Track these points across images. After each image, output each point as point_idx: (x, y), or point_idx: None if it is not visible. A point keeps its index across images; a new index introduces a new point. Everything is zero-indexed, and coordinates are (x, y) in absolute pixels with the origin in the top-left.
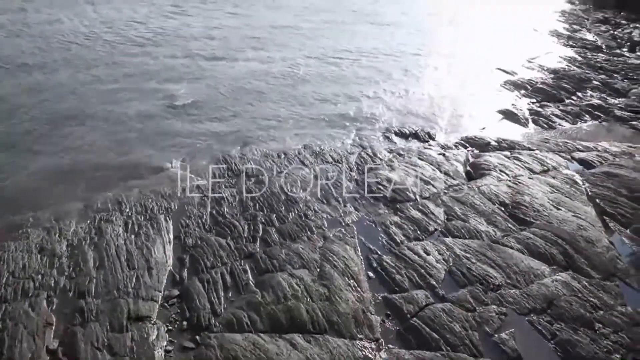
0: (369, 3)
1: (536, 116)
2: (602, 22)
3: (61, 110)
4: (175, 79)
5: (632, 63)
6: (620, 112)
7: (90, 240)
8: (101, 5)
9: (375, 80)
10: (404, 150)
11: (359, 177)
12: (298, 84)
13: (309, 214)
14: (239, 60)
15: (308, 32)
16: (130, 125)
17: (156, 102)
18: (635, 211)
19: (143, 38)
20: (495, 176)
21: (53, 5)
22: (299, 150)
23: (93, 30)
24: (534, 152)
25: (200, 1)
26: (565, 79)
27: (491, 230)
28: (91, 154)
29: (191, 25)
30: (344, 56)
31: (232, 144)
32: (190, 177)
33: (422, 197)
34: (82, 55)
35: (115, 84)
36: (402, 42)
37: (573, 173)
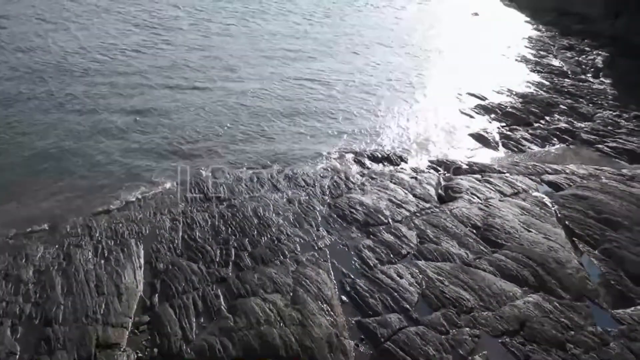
0: (341, 33)
1: (506, 140)
2: (567, 48)
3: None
4: (148, 102)
5: (596, 88)
6: (586, 135)
7: (58, 265)
8: (76, 30)
9: (347, 106)
10: (377, 174)
11: (331, 201)
12: (270, 109)
13: (282, 238)
14: (213, 83)
15: (281, 58)
16: (103, 150)
17: (126, 125)
18: (603, 232)
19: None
20: (466, 199)
21: (29, 30)
22: (272, 174)
23: (67, 56)
24: (505, 175)
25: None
26: (534, 104)
27: (463, 253)
28: (61, 178)
29: (165, 53)
30: (316, 83)
31: (204, 167)
32: (162, 200)
33: (394, 221)
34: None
35: (89, 108)
36: (374, 69)
37: (542, 195)
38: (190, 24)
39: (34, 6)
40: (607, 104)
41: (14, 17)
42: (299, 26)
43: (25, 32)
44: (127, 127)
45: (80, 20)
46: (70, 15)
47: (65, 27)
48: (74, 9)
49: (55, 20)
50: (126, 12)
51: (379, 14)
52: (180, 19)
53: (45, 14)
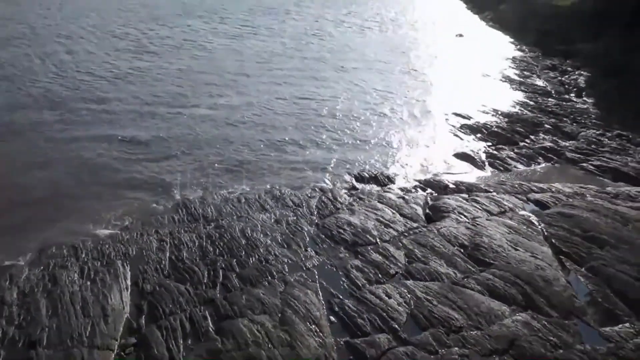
0: (324, 52)
1: (492, 159)
2: (550, 68)
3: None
4: (134, 123)
5: (579, 107)
6: (571, 154)
7: (43, 287)
8: (65, 52)
9: (334, 127)
10: (364, 194)
11: (319, 221)
12: (259, 129)
13: (270, 259)
14: (198, 103)
15: (269, 78)
16: (90, 171)
17: (115, 145)
18: (589, 250)
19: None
20: (454, 218)
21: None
22: (260, 194)
23: (59, 80)
24: (491, 194)
25: (172, 46)
26: (519, 123)
27: (451, 272)
28: (47, 199)
29: (158, 68)
30: (299, 102)
31: (191, 188)
32: (150, 221)
33: (382, 240)
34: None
35: (76, 128)
36: (360, 90)
37: (529, 214)
38: (179, 45)
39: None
40: (591, 123)
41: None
42: (287, 47)
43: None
44: (113, 150)
45: (68, 41)
46: (61, 35)
47: (55, 49)
48: (64, 29)
49: (44, 42)
50: (113, 32)
51: (364, 36)
52: (170, 39)
53: (31, 34)
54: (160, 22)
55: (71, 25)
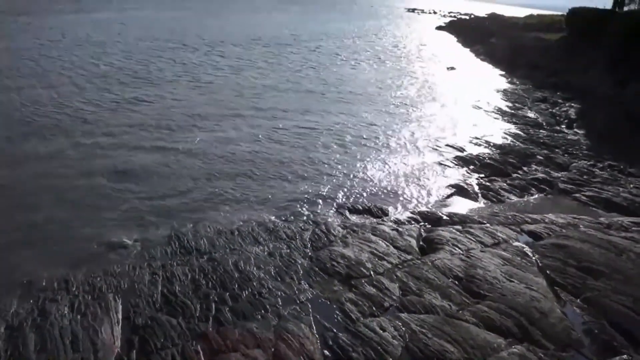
0: (319, 85)
1: (485, 190)
2: (541, 100)
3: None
4: (126, 153)
5: (570, 139)
6: (563, 185)
7: (32, 321)
8: (54, 83)
9: (327, 158)
10: (358, 227)
11: (313, 254)
12: (252, 161)
13: (263, 292)
14: (193, 136)
15: (262, 111)
16: (78, 201)
17: (106, 177)
18: (584, 281)
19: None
20: (448, 250)
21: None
22: (253, 227)
23: (47, 111)
24: (485, 225)
25: (170, 75)
26: (511, 154)
27: (446, 305)
28: (36, 230)
29: (149, 98)
30: (295, 134)
31: (184, 220)
32: (142, 254)
33: (376, 273)
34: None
35: (65, 158)
36: (353, 122)
37: (523, 245)
38: (177, 77)
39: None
40: (582, 154)
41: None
42: (282, 80)
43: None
44: (106, 182)
45: (55, 73)
46: (50, 66)
47: (45, 79)
48: (55, 59)
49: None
50: (109, 62)
51: (357, 69)
52: (167, 70)
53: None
54: (158, 54)
55: (61, 59)
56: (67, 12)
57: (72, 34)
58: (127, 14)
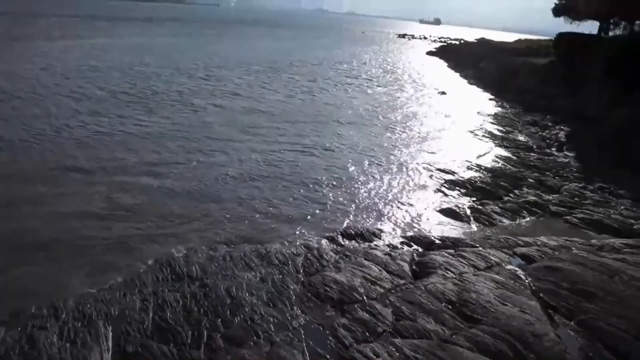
0: (310, 108)
1: (477, 214)
2: (531, 124)
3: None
4: (118, 177)
5: (561, 161)
6: (555, 207)
7: (20, 349)
8: (46, 107)
9: (319, 182)
10: (350, 251)
11: (305, 279)
12: (243, 187)
13: (255, 318)
14: (187, 161)
15: (253, 138)
16: (68, 227)
17: (96, 202)
18: (577, 303)
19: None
20: (441, 274)
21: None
22: (245, 252)
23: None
24: (477, 249)
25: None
26: (503, 178)
27: (440, 329)
28: (24, 256)
29: (143, 122)
30: (287, 159)
31: (175, 246)
32: (133, 280)
33: (369, 298)
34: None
35: (56, 181)
36: (346, 147)
37: (516, 268)
38: (172, 102)
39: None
40: (573, 177)
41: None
42: (276, 104)
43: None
44: (96, 208)
45: (46, 98)
46: (40, 89)
47: (36, 101)
48: (46, 83)
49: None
50: (106, 85)
51: (350, 94)
52: (160, 95)
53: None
54: (153, 79)
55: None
56: (66, 37)
57: (67, 59)
58: (124, 41)
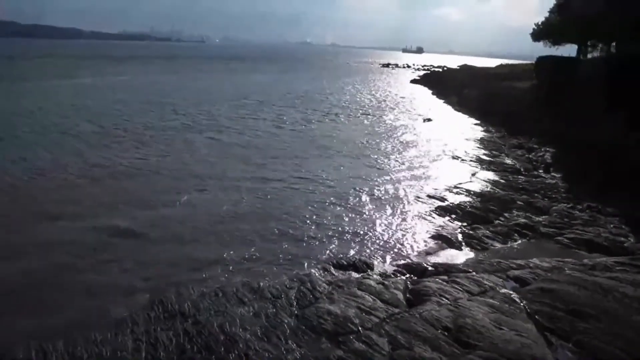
0: (299, 139)
1: (469, 239)
2: (517, 147)
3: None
4: (111, 216)
5: (548, 183)
6: (545, 229)
7: None
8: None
9: (309, 214)
10: (343, 282)
11: (299, 312)
12: (235, 220)
13: (250, 354)
14: (179, 196)
15: (243, 168)
16: (57, 266)
17: (85, 241)
18: (573, 324)
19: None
20: (435, 301)
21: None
22: (237, 287)
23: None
24: (471, 274)
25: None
26: (492, 201)
27: (437, 357)
28: (12, 296)
29: (137, 159)
30: (277, 190)
31: (167, 284)
32: (124, 320)
33: (364, 328)
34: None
35: (47, 220)
36: (334, 174)
37: (510, 292)
38: (166, 138)
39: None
40: (561, 197)
41: None
42: (266, 135)
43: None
44: (83, 247)
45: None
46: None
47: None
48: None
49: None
50: (99, 124)
51: (338, 124)
52: (154, 130)
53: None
54: (146, 115)
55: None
56: (58, 77)
57: (60, 98)
58: (114, 79)
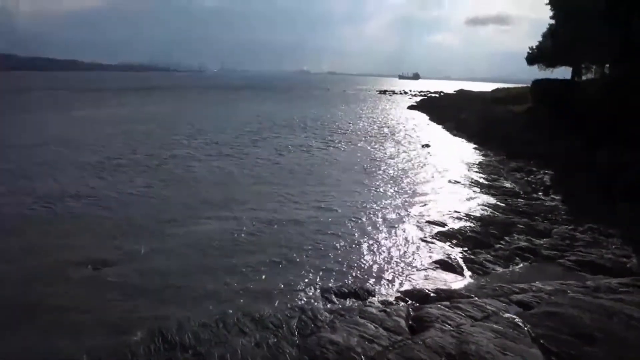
0: (299, 166)
1: (470, 263)
2: (516, 170)
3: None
4: (105, 247)
5: (548, 205)
6: (546, 251)
7: None
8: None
9: (309, 241)
10: (345, 310)
11: (301, 342)
12: (233, 249)
13: None
14: (177, 227)
15: (240, 198)
16: (52, 298)
17: (85, 270)
18: (579, 348)
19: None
20: (438, 327)
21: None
22: (238, 317)
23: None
24: (473, 299)
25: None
26: (492, 225)
27: None
28: (11, 325)
29: (135, 189)
30: (277, 221)
31: (167, 315)
32: (124, 353)
33: (367, 357)
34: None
35: (40, 248)
36: (334, 201)
37: (513, 316)
38: (163, 167)
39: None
40: (561, 219)
41: None
42: (266, 161)
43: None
44: (87, 278)
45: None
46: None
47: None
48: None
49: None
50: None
51: (337, 151)
52: (153, 159)
53: None
54: (144, 146)
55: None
56: (60, 110)
57: (65, 130)
58: (115, 111)
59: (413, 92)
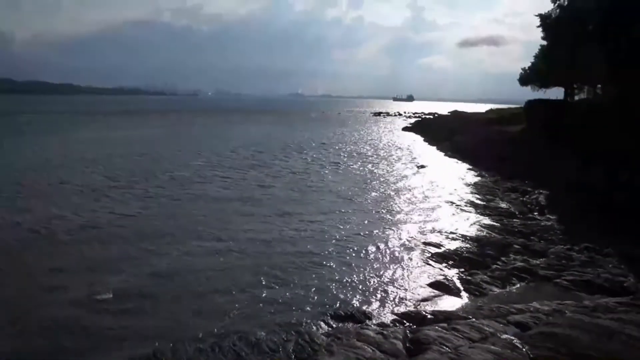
0: (294, 188)
1: (467, 284)
2: (511, 190)
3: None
4: (103, 271)
5: (544, 225)
6: (543, 271)
7: None
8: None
9: (306, 264)
10: (342, 333)
11: None
12: (230, 273)
13: None
14: (172, 250)
15: (235, 219)
16: (50, 324)
17: (80, 297)
18: None
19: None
20: (436, 350)
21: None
22: (234, 341)
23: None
24: (470, 320)
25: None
26: (488, 246)
27: None
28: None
29: (130, 212)
30: (272, 239)
31: (163, 340)
32: None
33: None
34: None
35: (39, 276)
36: (330, 223)
37: (511, 337)
38: (160, 189)
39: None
40: (557, 239)
41: None
42: (261, 184)
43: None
44: (79, 310)
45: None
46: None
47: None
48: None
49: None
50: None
51: (333, 173)
52: (149, 182)
53: None
54: (137, 169)
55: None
56: (58, 133)
57: (65, 153)
58: (114, 134)
59: (407, 113)
